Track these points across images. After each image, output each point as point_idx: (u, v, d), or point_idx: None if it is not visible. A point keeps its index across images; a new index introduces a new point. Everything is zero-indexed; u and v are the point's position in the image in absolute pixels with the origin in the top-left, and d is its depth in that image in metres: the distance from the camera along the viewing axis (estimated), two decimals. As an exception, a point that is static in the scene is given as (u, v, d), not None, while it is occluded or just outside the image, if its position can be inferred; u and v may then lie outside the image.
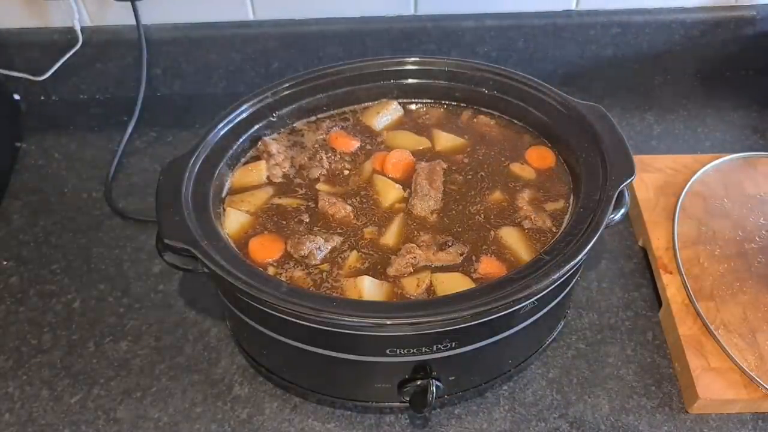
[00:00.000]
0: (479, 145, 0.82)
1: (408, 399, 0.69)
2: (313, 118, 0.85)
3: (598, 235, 0.64)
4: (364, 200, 0.76)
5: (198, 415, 0.75)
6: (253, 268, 0.65)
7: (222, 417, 0.75)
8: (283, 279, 0.67)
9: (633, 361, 0.79)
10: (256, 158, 0.79)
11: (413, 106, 0.87)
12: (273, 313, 0.61)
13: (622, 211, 0.69)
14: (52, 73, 1.06)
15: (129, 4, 1.01)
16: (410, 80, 0.85)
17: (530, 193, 0.75)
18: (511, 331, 0.66)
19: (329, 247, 0.70)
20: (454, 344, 0.64)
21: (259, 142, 0.80)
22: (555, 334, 0.78)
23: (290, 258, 0.70)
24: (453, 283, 0.67)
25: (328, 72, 0.83)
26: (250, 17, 1.08)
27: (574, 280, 0.72)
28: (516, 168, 0.79)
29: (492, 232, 0.72)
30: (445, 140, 0.82)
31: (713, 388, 0.73)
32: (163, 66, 1.11)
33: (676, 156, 0.98)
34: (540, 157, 0.80)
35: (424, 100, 0.87)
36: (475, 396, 0.76)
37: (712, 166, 0.95)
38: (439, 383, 0.68)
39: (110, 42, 1.07)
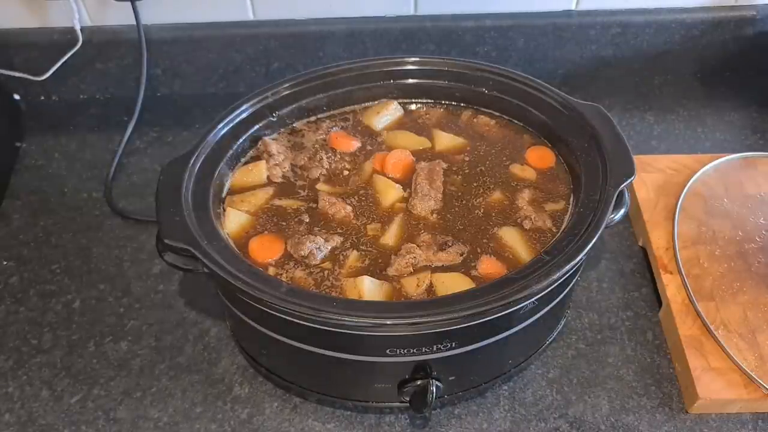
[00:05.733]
0: (479, 145, 0.82)
1: (408, 399, 0.69)
2: (313, 118, 0.85)
3: (598, 235, 0.64)
4: (364, 200, 0.76)
5: (198, 415, 0.75)
6: (253, 268, 0.65)
7: (222, 417, 0.75)
8: (283, 279, 0.67)
9: (633, 361, 0.79)
10: (256, 158, 0.79)
11: (413, 106, 0.87)
12: (273, 313, 0.61)
13: (622, 211, 0.69)
14: (52, 73, 1.06)
15: (129, 4, 1.01)
16: (410, 80, 0.85)
17: (530, 193, 0.75)
18: (511, 331, 0.66)
19: (329, 248, 0.70)
20: (454, 344, 0.64)
21: (259, 142, 0.80)
22: (555, 334, 0.78)
23: (290, 258, 0.70)
24: (453, 283, 0.67)
25: (328, 72, 0.83)
26: (250, 17, 1.08)
27: (574, 280, 0.73)
28: (516, 168, 0.79)
29: (492, 232, 0.72)
30: (445, 140, 0.82)
31: (713, 388, 0.73)
32: (163, 66, 1.11)
33: (676, 156, 0.98)
34: (540, 157, 0.80)
35: (424, 100, 0.87)
36: (475, 396, 0.76)
37: (712, 166, 0.95)
38: (439, 383, 0.68)
39: (110, 42, 1.07)
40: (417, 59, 0.85)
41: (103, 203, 0.97)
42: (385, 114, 0.85)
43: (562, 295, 0.70)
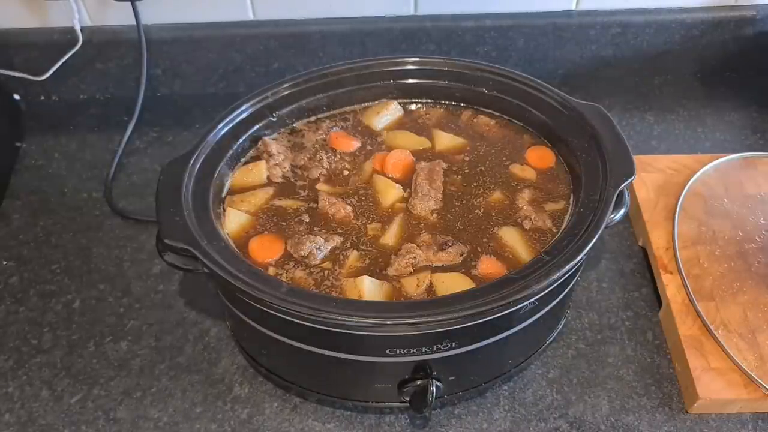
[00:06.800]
0: (479, 145, 0.82)
1: (408, 399, 0.69)
2: (313, 118, 0.85)
3: (598, 235, 0.64)
4: (364, 200, 0.76)
5: (198, 415, 0.75)
6: (253, 268, 0.65)
7: (222, 417, 0.75)
8: (283, 279, 0.67)
9: (633, 361, 0.79)
10: (256, 158, 0.79)
11: (413, 106, 0.87)
12: (273, 313, 0.61)
13: (622, 211, 0.69)
14: (52, 73, 1.06)
15: (129, 4, 1.01)
16: (410, 80, 0.85)
17: (530, 193, 0.75)
18: (511, 331, 0.66)
19: (329, 247, 0.70)
20: (454, 344, 0.64)
21: (259, 142, 0.80)
22: (555, 334, 0.78)
23: (290, 258, 0.70)
24: (453, 283, 0.67)
25: (328, 72, 0.83)
26: (250, 17, 1.08)
27: (574, 280, 0.73)
28: (516, 168, 0.79)
29: (492, 232, 0.72)
30: (445, 140, 0.82)
31: (713, 388, 0.73)
32: (163, 66, 1.11)
33: (676, 156, 0.98)
34: (540, 157, 0.80)
35: (424, 100, 0.87)
36: (475, 396, 0.76)
37: (712, 166, 0.95)
38: (439, 383, 0.68)
39: (110, 42, 1.07)
40: (417, 59, 0.85)
41: (103, 203, 0.97)
42: (385, 114, 0.85)
43: (562, 295, 0.70)
